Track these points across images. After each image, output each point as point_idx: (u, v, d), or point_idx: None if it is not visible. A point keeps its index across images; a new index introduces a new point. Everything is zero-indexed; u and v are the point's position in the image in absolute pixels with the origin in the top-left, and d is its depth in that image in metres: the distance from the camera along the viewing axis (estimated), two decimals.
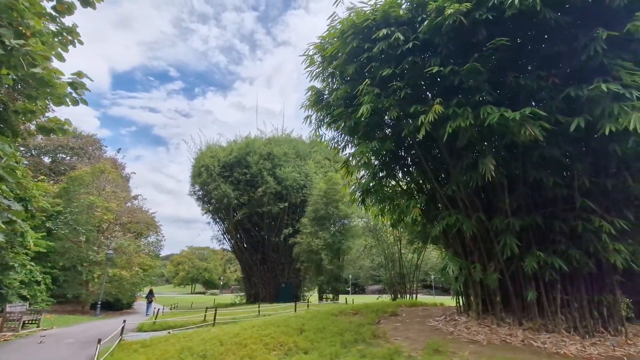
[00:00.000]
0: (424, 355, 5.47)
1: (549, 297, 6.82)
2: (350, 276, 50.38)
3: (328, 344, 6.24)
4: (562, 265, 6.26)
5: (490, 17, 5.86)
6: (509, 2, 5.47)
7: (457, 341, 6.42)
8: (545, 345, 6.01)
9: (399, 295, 21.32)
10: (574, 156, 6.44)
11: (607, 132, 5.07)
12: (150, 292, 25.24)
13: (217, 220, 33.24)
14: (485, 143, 7.27)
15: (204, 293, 78.24)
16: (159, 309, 19.26)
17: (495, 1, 5.69)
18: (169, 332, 10.03)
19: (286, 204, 28.40)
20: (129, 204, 33.25)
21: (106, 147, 34.84)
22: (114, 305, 28.15)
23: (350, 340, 6.51)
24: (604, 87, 5.10)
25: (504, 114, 5.57)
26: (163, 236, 35.78)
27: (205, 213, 33.08)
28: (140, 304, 32.42)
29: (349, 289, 59.26)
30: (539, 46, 6.82)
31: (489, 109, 5.83)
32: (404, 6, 7.53)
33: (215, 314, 11.91)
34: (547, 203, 6.94)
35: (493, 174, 6.14)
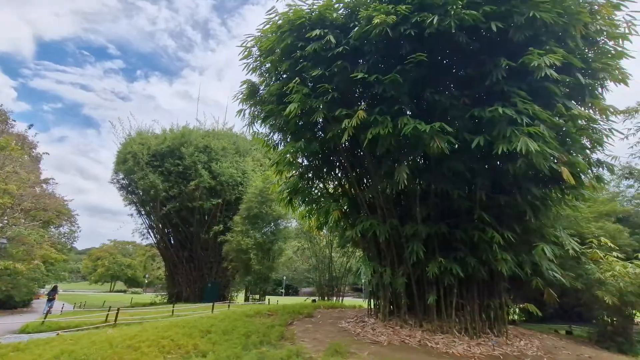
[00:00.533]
0: (323, 356, 5.47)
1: (447, 300, 7.33)
2: (284, 278, 50.04)
3: (230, 346, 5.96)
4: (460, 272, 6.76)
5: (413, 34, 6.17)
6: (429, 21, 5.81)
7: (361, 342, 6.57)
8: (438, 346, 6.43)
9: (325, 298, 21.62)
10: (476, 172, 7.01)
11: (499, 152, 5.59)
12: (54, 289, 22.33)
13: (142, 212, 30.71)
14: (404, 152, 7.63)
15: (124, 291, 71.56)
16: (49, 308, 17.03)
17: (418, 18, 6.01)
18: (57, 334, 8.84)
19: (220, 201, 27.25)
20: (37, 188, 29.19)
21: (14, 121, 29.99)
22: (5, 303, 24.33)
23: (255, 342, 6.30)
24: (500, 110, 5.63)
25: (418, 126, 5.89)
26: (78, 227, 32.00)
27: (129, 204, 30.39)
28: (42, 302, 28.50)
29: (283, 290, 58.85)
30: (455, 67, 7.38)
31: (406, 120, 6.11)
32: (339, 11, 7.64)
33: (117, 313, 10.79)
34: (452, 213, 7.48)
35: (406, 182, 6.46)
